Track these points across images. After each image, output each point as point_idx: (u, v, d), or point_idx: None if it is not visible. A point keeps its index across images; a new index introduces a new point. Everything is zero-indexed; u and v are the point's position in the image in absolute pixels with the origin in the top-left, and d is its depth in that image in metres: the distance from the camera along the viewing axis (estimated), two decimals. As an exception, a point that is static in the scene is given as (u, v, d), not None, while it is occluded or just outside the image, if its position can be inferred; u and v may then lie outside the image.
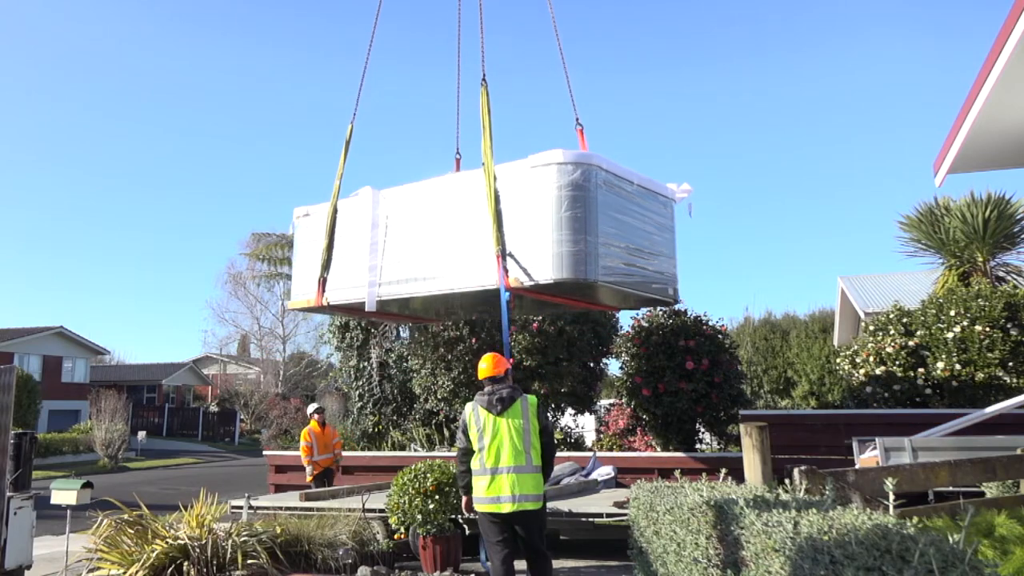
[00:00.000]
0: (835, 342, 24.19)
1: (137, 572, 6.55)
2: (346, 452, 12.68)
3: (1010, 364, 9.55)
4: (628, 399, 11.19)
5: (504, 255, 6.49)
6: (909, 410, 9.43)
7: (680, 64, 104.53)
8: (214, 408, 44.15)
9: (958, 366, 9.60)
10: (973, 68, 8.08)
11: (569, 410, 13.40)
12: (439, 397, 12.73)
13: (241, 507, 8.83)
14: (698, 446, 11.21)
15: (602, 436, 12.58)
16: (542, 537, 5.60)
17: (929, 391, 9.76)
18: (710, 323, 11.14)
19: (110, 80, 78.87)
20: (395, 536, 7.92)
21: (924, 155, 72.83)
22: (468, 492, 5.64)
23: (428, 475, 7.39)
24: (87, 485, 7.74)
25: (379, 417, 14.18)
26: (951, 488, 6.34)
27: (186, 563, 6.67)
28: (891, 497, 3.42)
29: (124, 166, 79.97)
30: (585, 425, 14.66)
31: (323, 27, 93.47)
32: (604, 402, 15.21)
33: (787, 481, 4.16)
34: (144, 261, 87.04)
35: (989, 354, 9.58)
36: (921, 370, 9.81)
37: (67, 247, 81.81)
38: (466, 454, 5.59)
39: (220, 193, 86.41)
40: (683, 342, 10.59)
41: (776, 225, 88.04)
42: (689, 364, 10.39)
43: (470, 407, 5.62)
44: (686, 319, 11.08)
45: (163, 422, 42.81)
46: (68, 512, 7.60)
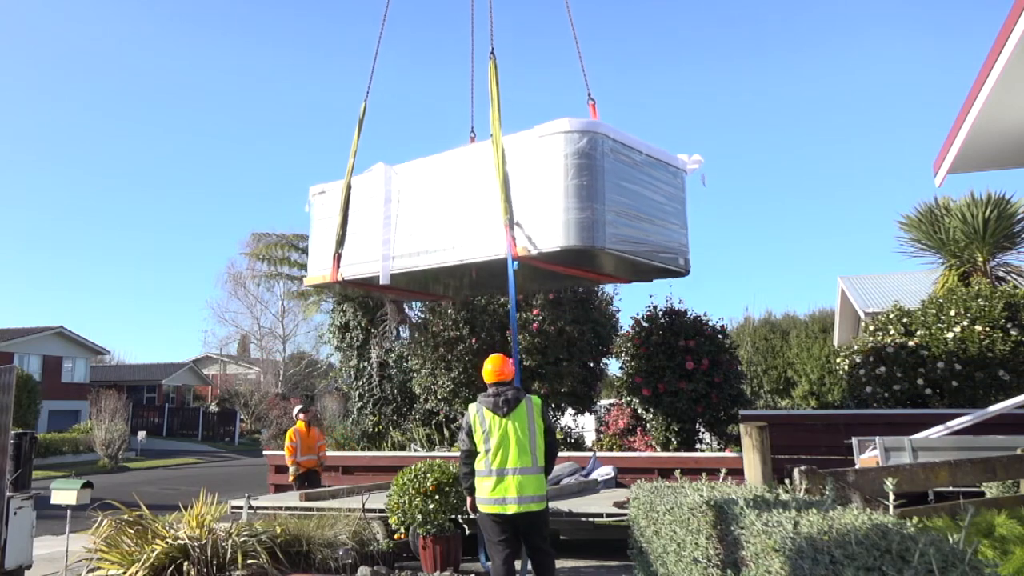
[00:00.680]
0: (835, 342, 24.18)
1: (137, 572, 6.55)
2: (346, 452, 12.66)
3: (1010, 364, 9.55)
4: (628, 399, 11.19)
5: (512, 224, 6.56)
6: (909, 410, 9.41)
7: (680, 64, 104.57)
8: (214, 408, 44.14)
9: (958, 366, 9.59)
10: (973, 68, 8.09)
11: (569, 410, 13.40)
12: (439, 397, 12.72)
13: (241, 507, 8.83)
14: (698, 446, 11.21)
15: (602, 436, 12.57)
16: (545, 536, 5.61)
17: (929, 391, 9.75)
18: (710, 323, 11.13)
19: (110, 80, 78.99)
20: (395, 536, 7.92)
21: (924, 155, 72.86)
22: (471, 493, 5.63)
23: (428, 475, 7.39)
24: (87, 485, 7.74)
25: (379, 417, 14.17)
26: (951, 488, 6.33)
27: (186, 563, 6.66)
28: (891, 497, 3.42)
29: (124, 166, 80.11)
30: (585, 425, 14.65)
31: (323, 27, 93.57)
32: (604, 402, 15.20)
33: (787, 481, 4.16)
34: (144, 261, 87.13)
35: (989, 354, 9.58)
36: (921, 370, 9.80)
37: (67, 247, 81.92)
38: (470, 455, 5.57)
39: (220, 193, 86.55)
40: (683, 342, 10.59)
41: (776, 225, 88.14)
42: (689, 364, 10.38)
43: (474, 408, 5.61)
44: (686, 319, 11.08)
45: (163, 422, 42.79)
46: (68, 512, 7.59)
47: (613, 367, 13.56)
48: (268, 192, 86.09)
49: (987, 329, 9.67)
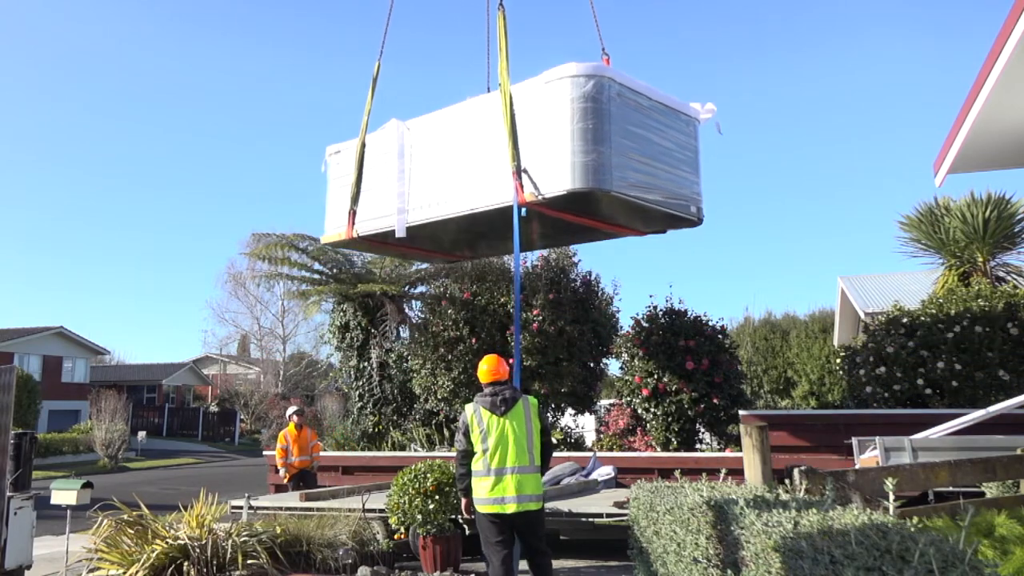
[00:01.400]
0: (835, 342, 24.17)
1: (137, 572, 6.55)
2: (346, 452, 12.67)
3: (1010, 364, 9.54)
4: (628, 399, 11.18)
5: (520, 171, 6.60)
6: (909, 410, 9.41)
7: (680, 64, 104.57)
8: (214, 408, 44.13)
9: (958, 366, 9.59)
10: (973, 68, 8.09)
11: (569, 410, 13.40)
12: (439, 397, 12.73)
13: (241, 507, 8.83)
14: (698, 446, 11.20)
15: (602, 436, 12.57)
16: (542, 536, 5.61)
17: (929, 391, 9.75)
18: (710, 323, 11.13)
19: (110, 80, 78.98)
20: (395, 536, 7.92)
21: (924, 155, 72.83)
22: (468, 494, 5.62)
23: (428, 475, 7.39)
24: (87, 485, 7.74)
25: (379, 417, 14.17)
26: (951, 488, 6.33)
27: (186, 563, 6.66)
28: (891, 497, 3.42)
29: (124, 166, 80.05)
30: (585, 425, 14.65)
31: (323, 27, 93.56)
32: (604, 402, 15.20)
33: (787, 481, 4.16)
34: (144, 261, 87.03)
35: (989, 354, 9.57)
36: (921, 370, 9.80)
37: (67, 247, 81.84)
38: (466, 456, 5.56)
39: (220, 193, 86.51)
40: (683, 342, 10.59)
41: (776, 225, 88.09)
42: (689, 364, 10.38)
43: (471, 408, 5.60)
44: (686, 319, 11.08)
45: (163, 422, 42.79)
46: (68, 512, 7.59)
47: (613, 367, 13.58)
48: (268, 192, 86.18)
49: (987, 329, 9.67)
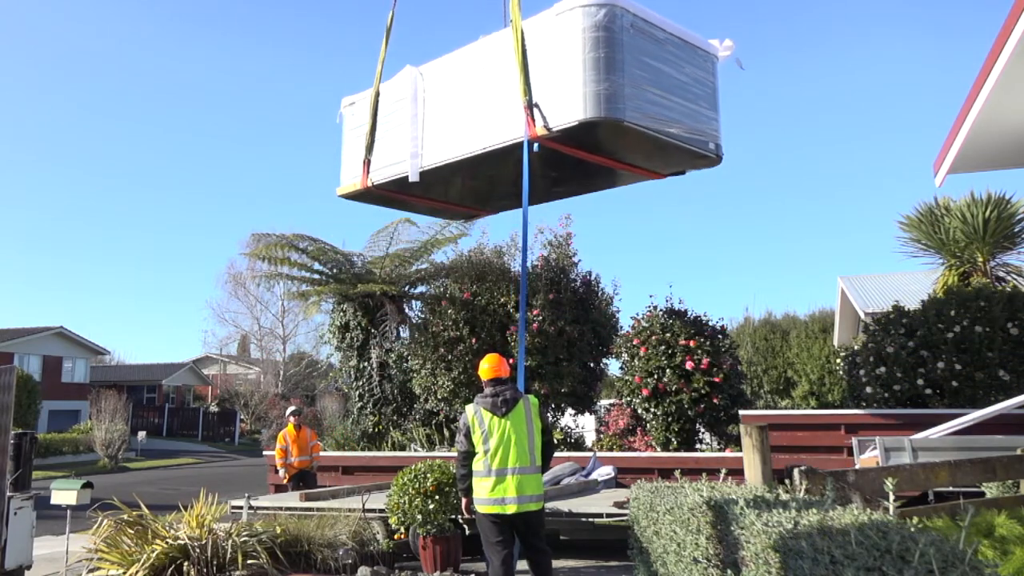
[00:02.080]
0: (835, 342, 24.17)
1: (137, 572, 6.55)
2: (346, 452, 12.66)
3: (1010, 364, 9.54)
4: (628, 399, 11.18)
5: (531, 106, 6.54)
6: (909, 410, 9.41)
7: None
8: (214, 408, 44.14)
9: (958, 366, 9.59)
10: (973, 68, 8.09)
11: (569, 410, 13.39)
12: (439, 397, 12.72)
13: (241, 507, 8.83)
14: (698, 446, 11.20)
15: (602, 436, 12.57)
16: (542, 536, 5.61)
17: (929, 391, 9.75)
18: (710, 323, 11.13)
19: (110, 80, 78.95)
20: (395, 536, 7.92)
21: (924, 155, 72.87)
22: (468, 494, 5.63)
23: (428, 475, 7.39)
24: (87, 485, 7.74)
25: (379, 417, 14.16)
26: (951, 488, 6.34)
27: (186, 563, 6.66)
28: (891, 497, 3.42)
29: (124, 166, 79.97)
30: (585, 425, 14.64)
31: (323, 27, 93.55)
32: (604, 402, 15.20)
33: (787, 481, 4.16)
34: (144, 261, 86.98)
35: (989, 354, 9.57)
36: (921, 370, 9.79)
37: (67, 247, 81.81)
38: (467, 456, 5.56)
39: (220, 193, 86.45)
40: (683, 342, 10.59)
41: (776, 225, 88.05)
42: (689, 364, 10.38)
43: (471, 409, 5.59)
44: (686, 319, 11.08)
45: (163, 422, 42.80)
46: (68, 512, 7.60)
47: (613, 367, 13.57)
48: (268, 192, 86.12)
49: (987, 329, 9.66)
